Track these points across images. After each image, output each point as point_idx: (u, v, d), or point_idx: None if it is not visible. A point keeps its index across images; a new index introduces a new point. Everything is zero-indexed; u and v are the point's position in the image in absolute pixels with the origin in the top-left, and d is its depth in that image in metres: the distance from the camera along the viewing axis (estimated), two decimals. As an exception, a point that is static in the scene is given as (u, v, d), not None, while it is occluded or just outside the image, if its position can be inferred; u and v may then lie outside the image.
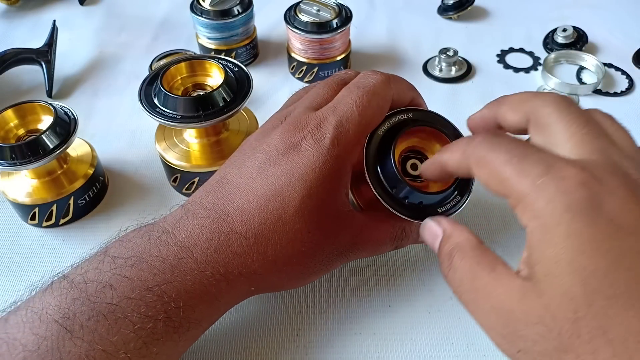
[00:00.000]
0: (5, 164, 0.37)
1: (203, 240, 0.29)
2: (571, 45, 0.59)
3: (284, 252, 0.29)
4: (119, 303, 0.26)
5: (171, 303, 0.27)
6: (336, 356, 0.34)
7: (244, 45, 0.56)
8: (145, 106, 0.38)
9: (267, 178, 0.30)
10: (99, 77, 0.57)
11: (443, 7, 0.66)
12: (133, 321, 0.26)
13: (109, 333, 0.25)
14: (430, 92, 0.54)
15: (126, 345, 0.25)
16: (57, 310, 0.26)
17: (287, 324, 0.35)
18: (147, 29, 0.64)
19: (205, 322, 0.30)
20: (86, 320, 0.25)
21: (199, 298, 0.28)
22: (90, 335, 0.25)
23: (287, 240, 0.29)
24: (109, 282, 0.27)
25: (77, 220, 0.42)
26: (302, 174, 0.29)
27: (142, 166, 0.47)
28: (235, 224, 0.29)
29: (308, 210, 0.29)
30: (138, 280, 0.27)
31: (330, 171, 0.30)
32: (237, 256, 0.29)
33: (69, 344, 0.25)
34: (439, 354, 0.34)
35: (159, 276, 0.27)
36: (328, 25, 0.51)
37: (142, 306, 0.26)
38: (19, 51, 0.54)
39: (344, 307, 0.36)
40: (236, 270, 0.29)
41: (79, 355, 0.24)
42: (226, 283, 0.29)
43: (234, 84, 0.40)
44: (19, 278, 0.38)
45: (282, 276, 0.31)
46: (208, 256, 0.28)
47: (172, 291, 0.27)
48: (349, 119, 0.31)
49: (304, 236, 0.29)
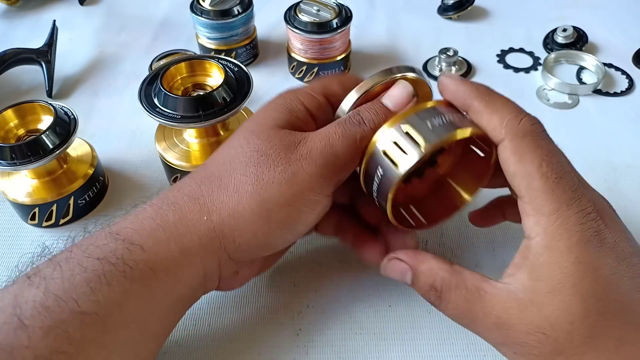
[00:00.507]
0: (5, 164, 0.37)
1: (165, 191, 0.30)
2: (571, 45, 0.59)
3: (227, 167, 0.30)
4: (74, 250, 0.27)
5: (118, 241, 0.27)
6: (336, 356, 0.34)
7: (244, 45, 0.56)
8: (145, 106, 0.39)
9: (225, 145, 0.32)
10: (99, 77, 0.57)
11: (443, 7, 0.66)
12: (82, 264, 0.26)
13: (62, 279, 0.26)
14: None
15: (76, 289, 0.25)
16: (31, 269, 0.27)
17: (287, 324, 0.35)
18: (147, 29, 0.64)
19: (161, 272, 0.27)
20: (44, 269, 0.26)
21: (148, 234, 0.28)
22: (44, 281, 0.26)
23: (229, 156, 0.30)
24: (72, 237, 0.29)
25: (77, 220, 0.42)
26: (250, 119, 0.32)
27: (142, 166, 0.47)
28: (199, 170, 0.31)
29: (247, 126, 0.31)
30: (95, 231, 0.28)
31: (275, 102, 0.32)
32: (185, 186, 0.30)
33: (27, 291, 0.25)
34: (439, 354, 0.34)
35: (113, 221, 0.29)
36: (328, 25, 0.51)
37: (92, 248, 0.27)
38: (19, 51, 0.54)
39: (344, 307, 0.36)
40: (184, 196, 0.29)
41: (34, 302, 0.25)
42: (174, 211, 0.29)
43: (234, 84, 0.40)
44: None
45: (230, 193, 0.29)
46: (161, 197, 0.30)
47: (121, 230, 0.28)
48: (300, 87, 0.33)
49: (245, 147, 0.30)
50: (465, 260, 0.38)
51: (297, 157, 0.29)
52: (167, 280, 0.28)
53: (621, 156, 0.47)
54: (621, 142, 0.49)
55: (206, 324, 0.35)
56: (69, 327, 0.25)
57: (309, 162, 0.29)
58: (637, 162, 0.46)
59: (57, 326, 0.24)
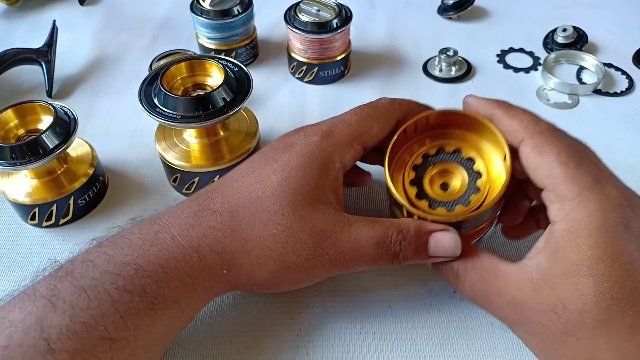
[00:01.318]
0: (5, 164, 0.37)
1: (182, 218, 0.31)
2: (571, 45, 0.59)
3: (255, 232, 0.30)
4: (99, 278, 0.27)
5: (147, 277, 0.28)
6: (336, 356, 0.34)
7: (244, 45, 0.56)
8: (145, 106, 0.39)
9: (254, 169, 0.32)
10: (99, 77, 0.57)
11: (443, 7, 0.66)
12: (111, 294, 0.27)
13: (89, 306, 0.26)
14: (431, 92, 0.55)
15: (105, 318, 0.26)
16: (45, 288, 0.27)
17: (287, 324, 0.35)
18: (147, 29, 0.64)
19: (184, 304, 0.29)
20: (69, 295, 0.27)
21: (173, 274, 0.29)
22: (71, 308, 0.26)
23: (260, 219, 0.30)
24: (91, 260, 0.28)
25: (77, 220, 0.42)
26: (286, 161, 0.31)
27: (142, 166, 0.47)
28: (215, 203, 0.31)
29: (284, 192, 0.30)
30: (117, 255, 0.29)
31: (313, 160, 0.31)
32: (211, 231, 0.30)
33: (52, 316, 0.26)
34: (439, 354, 0.34)
35: (136, 251, 0.29)
36: (328, 25, 0.51)
37: (120, 280, 0.27)
38: (19, 51, 0.54)
39: (344, 307, 0.36)
40: (208, 246, 0.30)
41: (60, 327, 0.25)
42: (198, 259, 0.29)
43: (234, 84, 0.40)
44: (19, 278, 0.38)
45: (252, 260, 0.30)
46: (184, 231, 0.30)
47: (147, 265, 0.28)
48: (344, 122, 0.34)
49: (278, 218, 0.30)
50: (465, 260, 0.38)
51: (322, 254, 0.30)
52: (189, 310, 0.30)
53: (621, 156, 0.47)
54: (621, 142, 0.49)
55: (206, 324, 0.35)
56: (97, 351, 0.26)
57: (332, 263, 0.30)
58: (637, 162, 0.46)
59: (85, 350, 0.25)
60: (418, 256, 0.31)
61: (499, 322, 0.35)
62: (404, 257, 0.30)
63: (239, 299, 0.37)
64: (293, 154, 0.32)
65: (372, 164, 0.39)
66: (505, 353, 0.33)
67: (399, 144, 0.33)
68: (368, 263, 0.31)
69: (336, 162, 0.32)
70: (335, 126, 0.33)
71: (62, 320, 0.26)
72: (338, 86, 0.55)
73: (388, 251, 0.30)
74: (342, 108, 0.35)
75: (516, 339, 0.34)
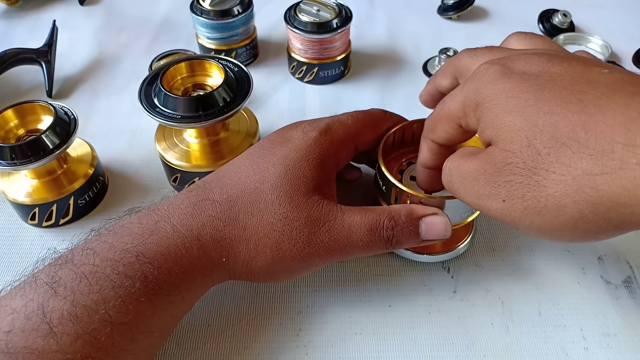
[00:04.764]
0: (5, 164, 0.37)
1: (182, 208, 0.31)
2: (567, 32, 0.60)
3: (253, 220, 0.31)
4: (99, 264, 0.28)
5: (147, 264, 0.28)
6: (336, 356, 0.34)
7: (244, 45, 0.56)
8: (145, 106, 0.39)
9: (253, 162, 0.33)
10: (99, 77, 0.57)
11: (443, 7, 0.66)
12: (112, 279, 0.27)
13: (90, 291, 0.27)
14: (430, 92, 0.55)
15: (106, 302, 0.27)
16: (46, 276, 0.27)
17: (287, 324, 0.35)
18: (147, 29, 0.64)
19: (184, 292, 0.30)
20: (70, 281, 0.27)
21: (174, 261, 0.29)
22: (72, 293, 0.27)
23: (258, 209, 0.31)
24: (91, 248, 0.29)
25: (77, 220, 0.42)
26: (285, 155, 0.33)
27: (142, 166, 0.47)
28: (214, 194, 0.32)
29: (283, 184, 0.32)
30: (117, 244, 0.29)
31: (311, 154, 0.33)
32: (211, 220, 0.31)
33: (53, 301, 0.26)
34: (439, 354, 0.34)
35: (136, 239, 0.29)
36: (328, 25, 0.51)
37: (121, 266, 0.28)
38: (19, 51, 0.54)
39: (344, 307, 0.36)
40: (208, 234, 0.31)
41: (61, 311, 0.26)
42: (198, 247, 0.30)
43: (234, 84, 0.40)
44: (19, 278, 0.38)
45: (250, 247, 0.31)
46: (184, 220, 0.31)
47: (148, 252, 0.29)
48: (341, 122, 0.36)
49: (275, 207, 0.31)
50: (465, 260, 0.38)
51: (317, 241, 0.31)
52: (189, 297, 0.31)
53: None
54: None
55: (206, 324, 0.35)
56: (99, 334, 0.26)
57: (326, 250, 0.31)
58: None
59: (86, 333, 0.26)
60: (410, 241, 0.32)
61: (499, 322, 0.35)
62: (397, 242, 0.32)
63: (238, 299, 0.37)
64: (291, 148, 0.33)
65: (359, 163, 0.42)
66: (505, 353, 0.34)
67: (388, 144, 0.37)
68: (362, 249, 0.32)
69: (332, 158, 0.34)
70: (333, 125, 0.35)
71: (64, 304, 0.26)
72: (338, 86, 0.55)
73: (381, 237, 0.32)
74: (342, 108, 0.36)
75: (516, 339, 0.34)
